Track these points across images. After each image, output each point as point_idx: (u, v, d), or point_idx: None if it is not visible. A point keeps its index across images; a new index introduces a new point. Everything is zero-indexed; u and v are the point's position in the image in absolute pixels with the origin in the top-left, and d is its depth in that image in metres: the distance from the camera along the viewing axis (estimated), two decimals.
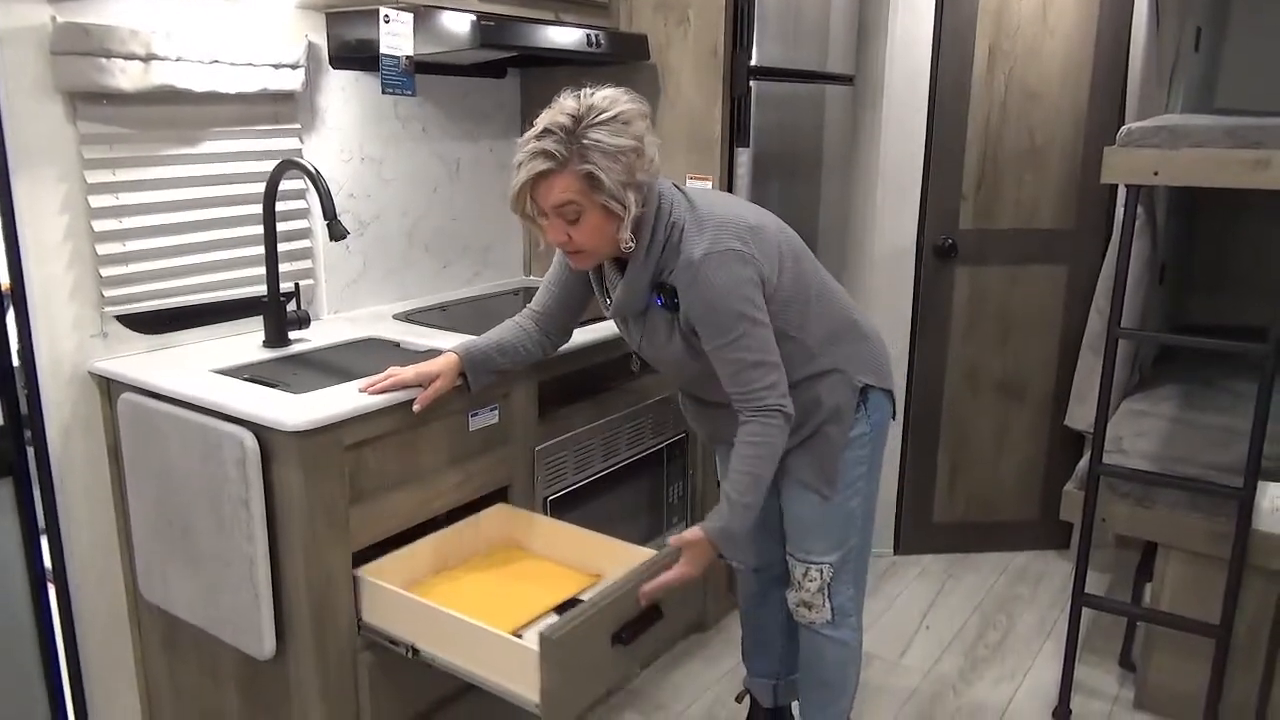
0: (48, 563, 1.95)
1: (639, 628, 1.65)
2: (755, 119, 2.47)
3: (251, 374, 1.87)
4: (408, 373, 1.77)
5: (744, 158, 2.48)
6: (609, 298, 1.80)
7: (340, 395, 1.72)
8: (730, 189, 2.51)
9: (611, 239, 1.63)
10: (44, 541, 1.93)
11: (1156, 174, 2.16)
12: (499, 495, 2.02)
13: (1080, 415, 3.01)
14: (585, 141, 1.55)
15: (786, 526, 1.96)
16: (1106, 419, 2.30)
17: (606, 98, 1.59)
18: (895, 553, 3.30)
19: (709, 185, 2.50)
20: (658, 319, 1.75)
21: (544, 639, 1.48)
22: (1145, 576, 2.50)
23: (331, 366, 1.97)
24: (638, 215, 1.62)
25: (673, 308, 1.71)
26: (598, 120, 1.55)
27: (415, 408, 1.76)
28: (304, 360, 2.02)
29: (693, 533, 1.70)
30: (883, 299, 3.10)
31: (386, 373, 1.77)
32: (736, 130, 2.46)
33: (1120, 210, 2.69)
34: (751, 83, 2.44)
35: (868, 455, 1.90)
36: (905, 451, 3.23)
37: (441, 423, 1.86)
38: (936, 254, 3.07)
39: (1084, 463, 2.41)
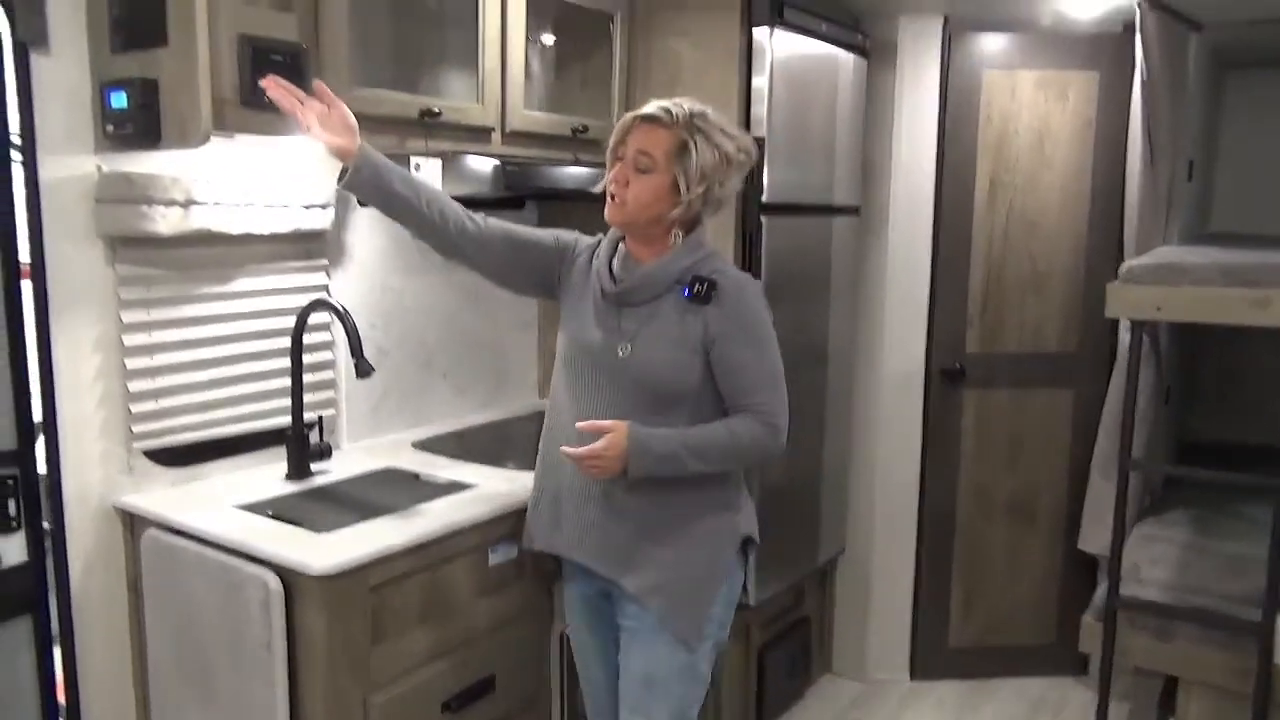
0: (61, 699, 1.93)
1: (469, 697, 1.85)
2: (764, 244, 2.54)
3: (275, 510, 1.89)
4: (310, 114, 1.66)
5: None
6: (612, 279, 1.77)
7: (363, 535, 1.74)
8: None
9: (656, 212, 1.71)
10: (59, 678, 1.92)
11: (1159, 309, 2.22)
12: (522, 623, 2.02)
13: (1092, 538, 3.00)
14: (698, 123, 1.69)
15: (626, 685, 1.79)
16: (1121, 551, 2.31)
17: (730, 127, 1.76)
18: (911, 678, 3.25)
19: None
20: (668, 311, 1.73)
21: (369, 703, 1.68)
22: (1168, 710, 2.47)
23: (353, 501, 1.99)
24: (692, 213, 1.73)
25: (702, 300, 1.72)
26: (718, 124, 1.72)
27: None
28: (326, 494, 2.04)
29: (621, 424, 1.67)
30: (892, 421, 3.13)
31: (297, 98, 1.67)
32: (748, 265, 2.54)
33: (1123, 334, 2.75)
34: (763, 218, 2.52)
35: (720, 616, 1.81)
36: (919, 574, 3.21)
37: (463, 559, 1.87)
38: (945, 377, 3.11)
39: (1101, 593, 2.40)
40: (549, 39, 2.55)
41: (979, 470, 3.17)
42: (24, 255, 1.80)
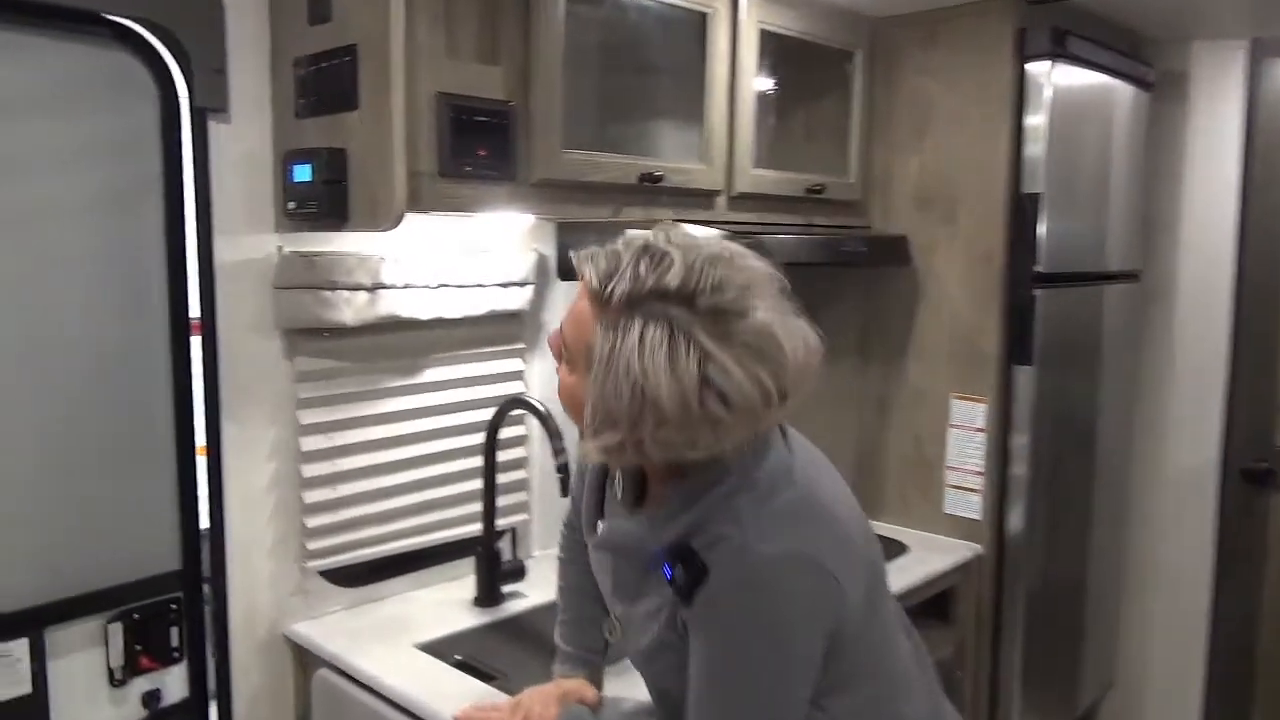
0: None
1: None
2: (1037, 322, 2.09)
3: (463, 654, 1.59)
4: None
5: (1025, 377, 2.09)
6: (599, 508, 1.19)
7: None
8: (1008, 414, 2.12)
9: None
10: None
11: None
12: None
13: None
14: (655, 306, 0.94)
15: None
16: None
17: (756, 315, 0.95)
18: None
19: (981, 408, 2.11)
20: (656, 590, 1.07)
21: None
22: None
23: (550, 643, 1.66)
24: (630, 462, 1.05)
25: (684, 590, 1.00)
26: (707, 309, 0.93)
27: None
28: (519, 629, 1.73)
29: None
30: (1177, 529, 2.59)
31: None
32: (1016, 348, 2.09)
33: None
34: (1036, 292, 2.07)
35: None
36: (1208, 715, 2.63)
37: None
38: (1246, 479, 2.54)
39: None
40: (770, 82, 2.20)
41: None
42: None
